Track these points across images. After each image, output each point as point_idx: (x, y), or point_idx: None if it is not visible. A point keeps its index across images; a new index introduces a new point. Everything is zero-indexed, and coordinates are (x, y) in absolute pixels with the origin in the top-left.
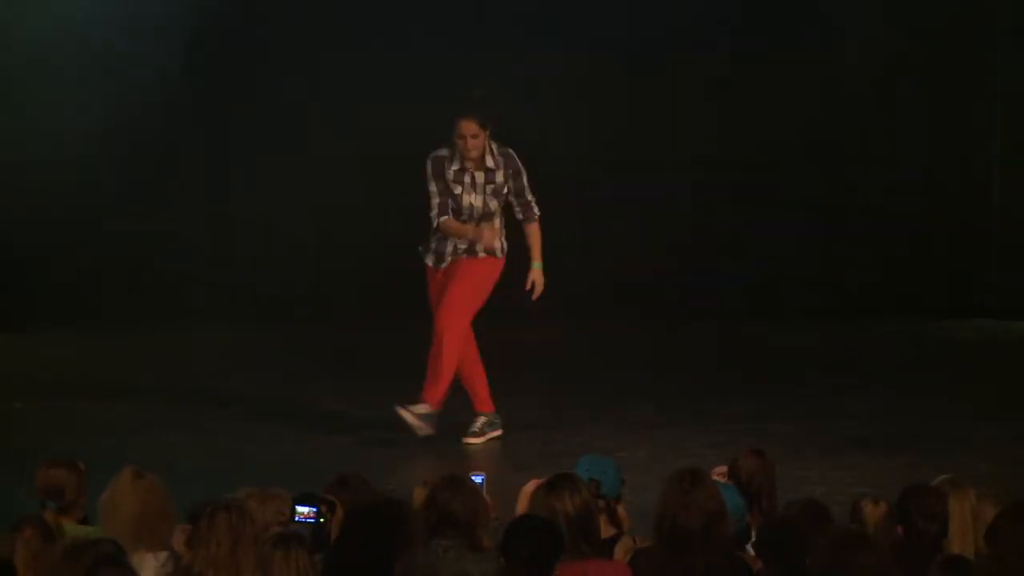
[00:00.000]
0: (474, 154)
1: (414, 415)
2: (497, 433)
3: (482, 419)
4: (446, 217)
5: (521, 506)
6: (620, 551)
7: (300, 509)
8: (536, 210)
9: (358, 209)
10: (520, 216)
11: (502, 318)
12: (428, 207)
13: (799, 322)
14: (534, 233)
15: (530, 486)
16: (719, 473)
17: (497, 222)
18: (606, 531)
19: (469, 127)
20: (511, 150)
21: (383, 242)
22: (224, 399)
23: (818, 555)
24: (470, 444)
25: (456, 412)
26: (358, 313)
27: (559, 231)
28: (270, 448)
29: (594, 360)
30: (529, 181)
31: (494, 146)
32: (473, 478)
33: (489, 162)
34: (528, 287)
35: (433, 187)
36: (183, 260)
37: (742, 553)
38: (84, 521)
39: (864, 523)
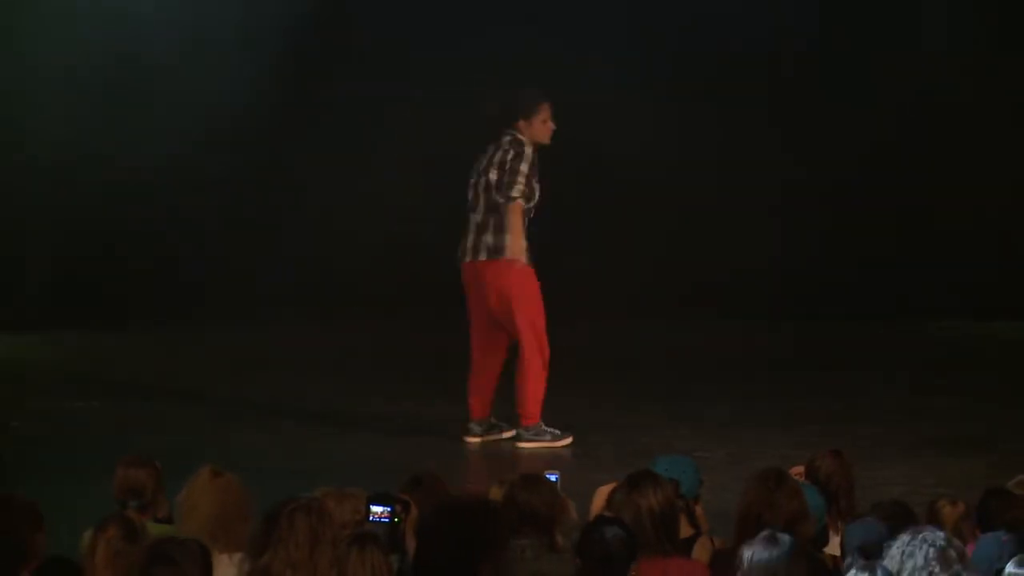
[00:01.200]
0: (549, 140)
1: (543, 438)
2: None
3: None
4: (526, 204)
5: (596, 506)
6: (698, 551)
7: (375, 509)
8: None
9: (420, 211)
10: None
11: (578, 318)
12: (509, 184)
13: (877, 322)
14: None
15: (605, 487)
16: (796, 473)
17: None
18: (684, 531)
19: (552, 108)
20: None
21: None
22: (296, 398)
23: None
24: (471, 442)
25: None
26: (424, 313)
27: (635, 230)
28: (341, 447)
29: (671, 360)
30: None
31: None
32: (548, 477)
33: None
34: None
35: (525, 170)
36: (251, 261)
37: (820, 554)
38: (167, 520)
39: (942, 524)
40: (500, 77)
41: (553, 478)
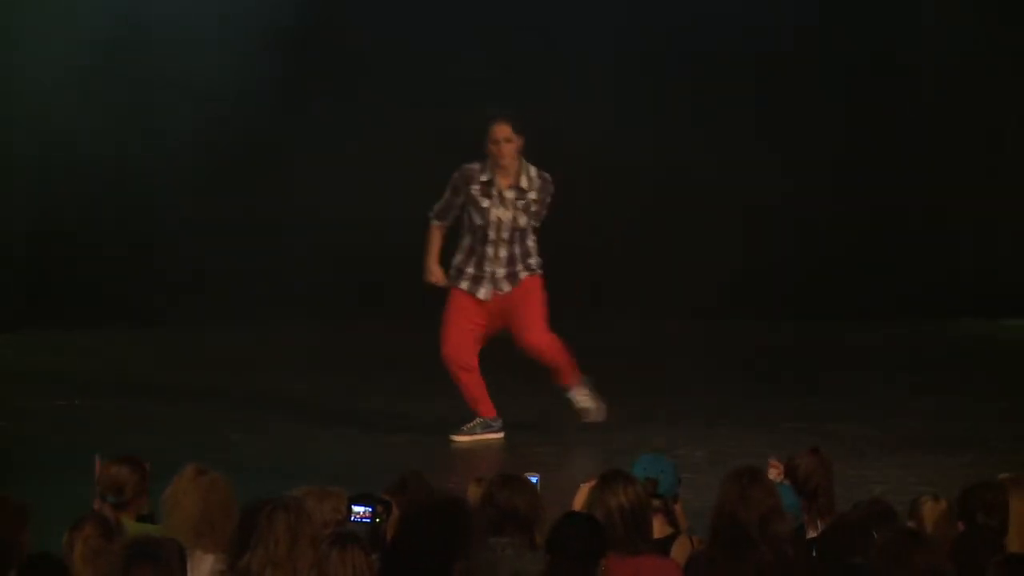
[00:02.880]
0: (506, 161)
1: (584, 401)
2: (496, 436)
3: (478, 420)
4: (437, 223)
5: (577, 503)
6: (677, 550)
7: (356, 509)
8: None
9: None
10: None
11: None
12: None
13: (858, 322)
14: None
15: (587, 485)
16: (773, 466)
17: (531, 242)
18: (663, 530)
19: (503, 130)
20: (549, 177)
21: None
22: (285, 398)
23: (876, 554)
24: (457, 441)
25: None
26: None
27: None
28: (329, 447)
29: (651, 358)
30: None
31: (532, 169)
32: (529, 479)
33: (523, 182)
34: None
35: (447, 193)
36: (246, 260)
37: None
38: (147, 518)
39: (923, 521)
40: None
41: (534, 480)
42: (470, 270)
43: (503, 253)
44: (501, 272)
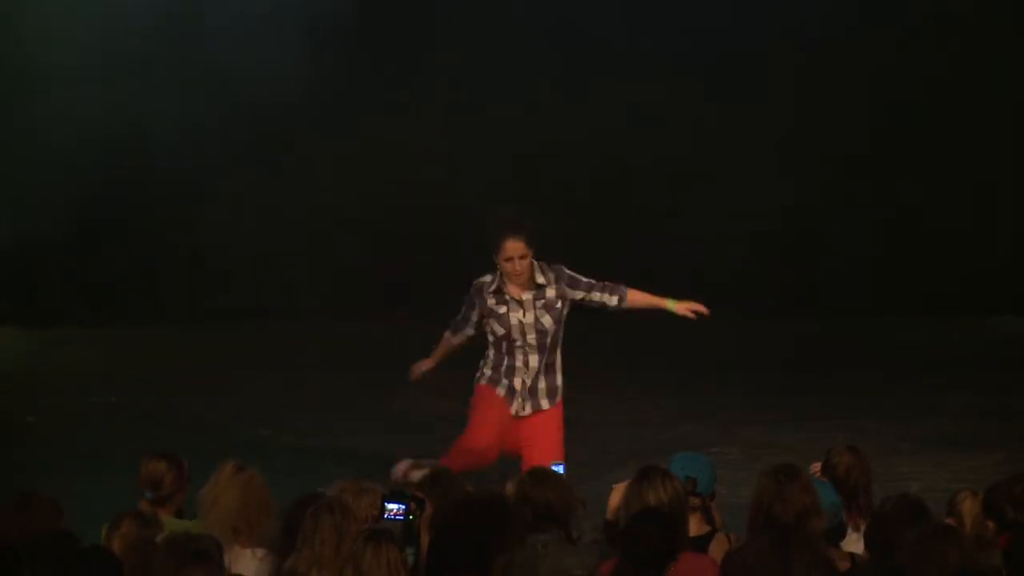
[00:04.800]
0: (520, 279)
1: None
2: None
3: None
4: (449, 333)
5: (613, 502)
6: (715, 548)
7: (389, 506)
8: (621, 286)
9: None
10: (614, 299)
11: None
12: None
13: (897, 320)
14: (637, 295)
15: (621, 484)
16: (816, 470)
17: (557, 357)
18: (700, 528)
19: (516, 247)
20: (556, 265)
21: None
22: (319, 393)
23: (909, 550)
24: None
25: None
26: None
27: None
28: (362, 443)
29: (685, 357)
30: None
31: (543, 265)
32: (555, 468)
33: (539, 279)
34: (694, 315)
35: (463, 308)
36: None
37: (836, 549)
38: (180, 515)
39: (961, 517)
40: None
41: (560, 469)
42: (504, 381)
43: (533, 362)
44: (541, 385)
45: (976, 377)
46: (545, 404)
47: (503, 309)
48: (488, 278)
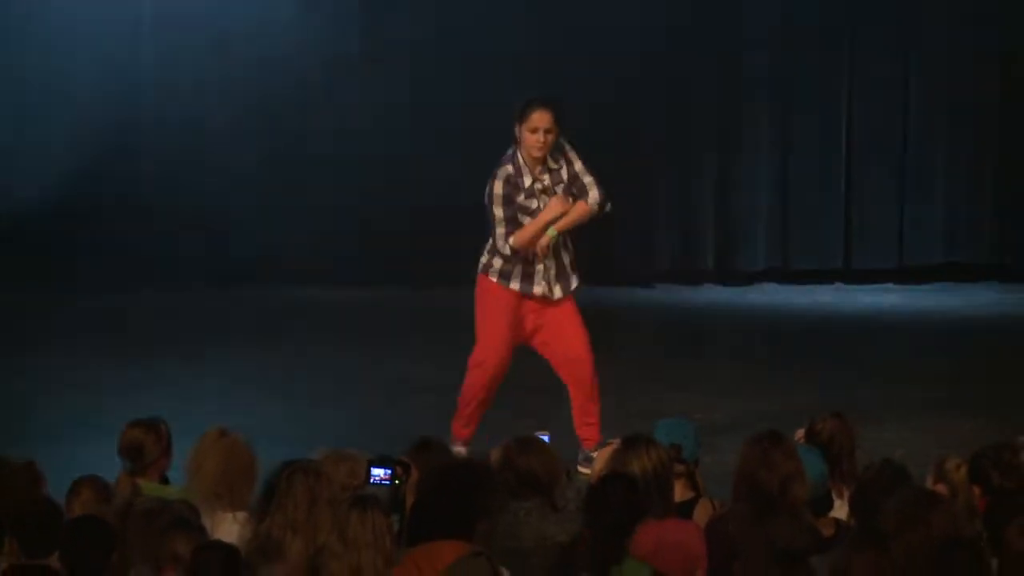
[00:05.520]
0: (540, 154)
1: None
2: None
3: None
4: (515, 238)
5: (598, 468)
6: (699, 513)
7: (375, 471)
8: (592, 191)
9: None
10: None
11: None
12: (491, 232)
13: (878, 285)
14: (578, 207)
15: (606, 449)
16: (800, 437)
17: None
18: (684, 494)
19: (545, 118)
20: (561, 140)
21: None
22: (304, 359)
23: (892, 516)
24: None
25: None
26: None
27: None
28: (350, 410)
29: (666, 322)
30: (586, 164)
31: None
32: (540, 437)
33: (551, 162)
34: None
35: (500, 213)
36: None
37: (823, 517)
38: (165, 480)
39: (950, 482)
40: None
41: (545, 439)
42: (519, 268)
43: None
44: (553, 271)
45: (958, 341)
46: (559, 292)
47: (534, 204)
48: (511, 168)
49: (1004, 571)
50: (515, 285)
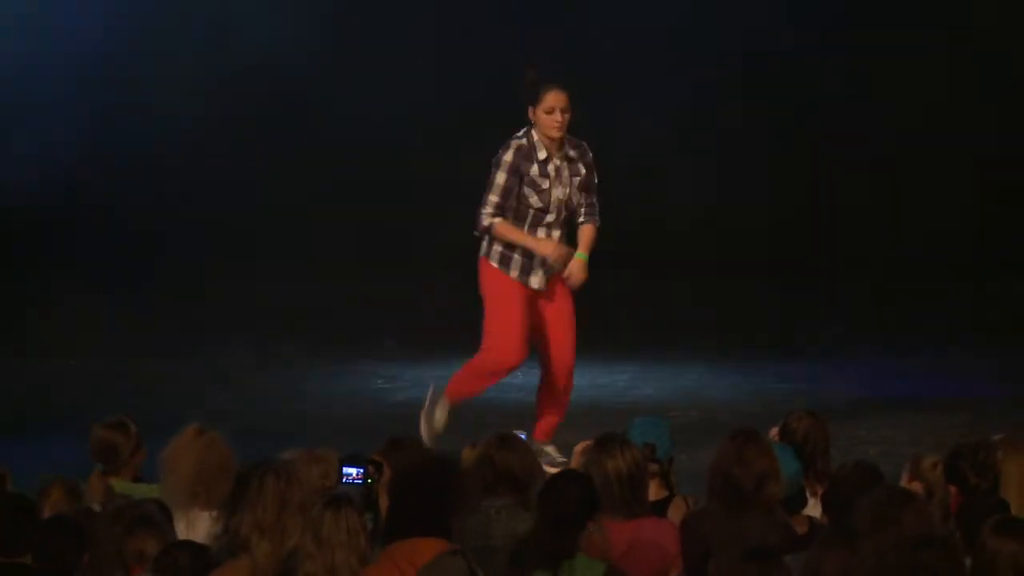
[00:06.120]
0: (559, 134)
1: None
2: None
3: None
4: (502, 220)
5: (574, 464)
6: (673, 512)
7: (347, 470)
8: (597, 215)
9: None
10: (580, 217)
11: None
12: (482, 200)
13: (852, 284)
14: (587, 232)
15: (581, 445)
16: (774, 435)
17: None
18: (659, 493)
19: (561, 98)
20: (584, 142)
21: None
22: (280, 359)
23: (864, 514)
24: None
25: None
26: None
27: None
28: (324, 409)
29: (642, 319)
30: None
31: (571, 138)
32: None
33: (570, 151)
34: (565, 275)
35: (501, 178)
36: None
37: (797, 516)
38: (140, 479)
39: (926, 480)
40: None
41: (522, 436)
42: (518, 256)
43: (555, 236)
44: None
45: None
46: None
47: (546, 183)
48: (525, 141)
49: (977, 570)
50: (514, 273)
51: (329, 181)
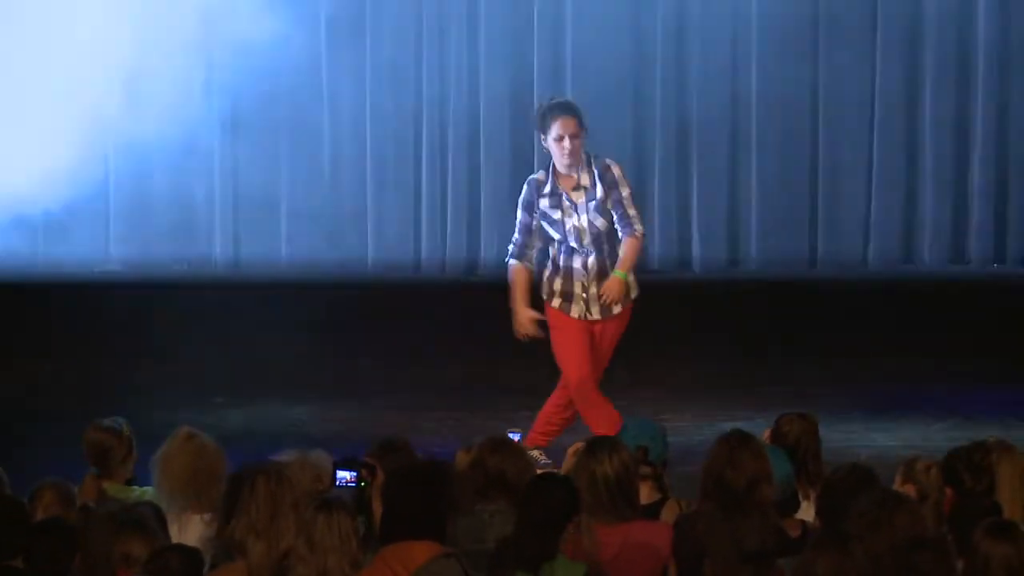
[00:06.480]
0: (568, 160)
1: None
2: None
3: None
4: (516, 262)
5: (566, 466)
6: (666, 515)
7: (341, 474)
8: (637, 225)
9: None
10: (619, 234)
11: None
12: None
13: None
14: (625, 246)
15: (574, 447)
16: (766, 437)
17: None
18: (651, 496)
19: (568, 124)
20: (608, 160)
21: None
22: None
23: (858, 518)
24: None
25: None
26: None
27: None
28: (319, 413)
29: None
30: (631, 193)
31: (590, 158)
32: (510, 435)
33: (584, 180)
34: (600, 292)
35: (520, 216)
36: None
37: (789, 519)
38: (133, 482)
39: (919, 483)
40: None
41: (516, 436)
42: (558, 285)
43: (592, 263)
44: (593, 290)
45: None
46: (616, 308)
47: (557, 214)
48: (542, 175)
49: (970, 573)
50: (556, 303)
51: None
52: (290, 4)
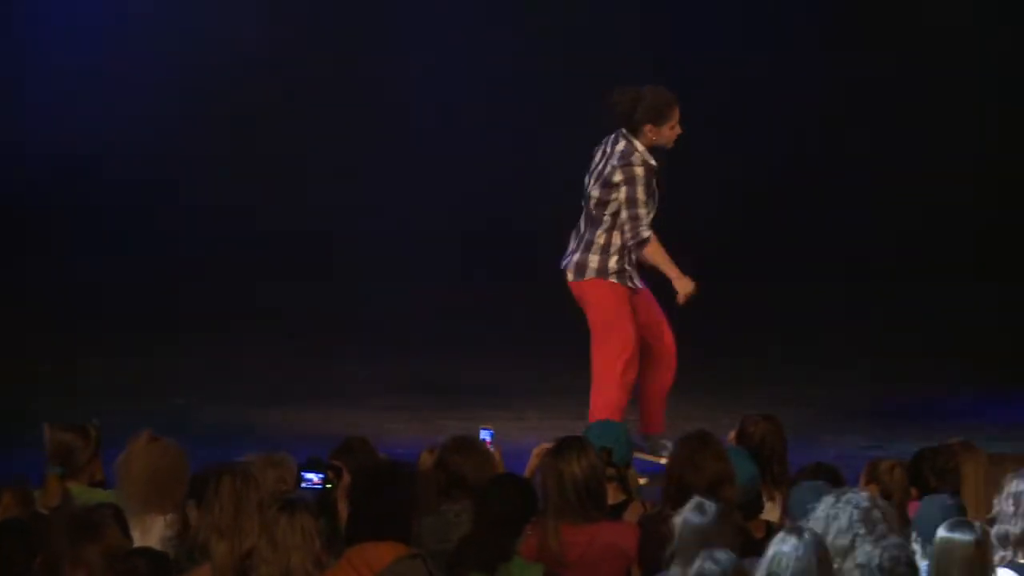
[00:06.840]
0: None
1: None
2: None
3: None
4: (651, 233)
5: (531, 466)
6: (630, 516)
7: (307, 475)
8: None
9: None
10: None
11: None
12: (632, 217)
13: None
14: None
15: (541, 447)
16: (731, 439)
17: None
18: (616, 497)
19: (678, 114)
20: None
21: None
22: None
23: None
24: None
25: None
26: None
27: None
28: (284, 414)
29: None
30: None
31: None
32: (482, 432)
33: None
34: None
35: (642, 195)
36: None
37: (754, 520)
38: (100, 484)
39: (883, 483)
40: None
41: (487, 435)
42: (614, 264)
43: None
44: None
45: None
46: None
47: (653, 189)
48: (636, 151)
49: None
50: (619, 279)
51: None
52: None
